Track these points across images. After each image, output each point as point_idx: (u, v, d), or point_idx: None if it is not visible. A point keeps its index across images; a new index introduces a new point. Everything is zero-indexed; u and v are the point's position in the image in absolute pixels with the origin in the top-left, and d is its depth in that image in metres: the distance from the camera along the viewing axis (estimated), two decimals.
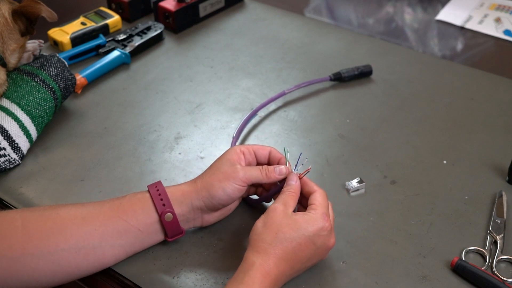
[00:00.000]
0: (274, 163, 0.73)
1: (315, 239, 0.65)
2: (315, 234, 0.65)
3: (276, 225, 0.65)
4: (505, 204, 0.77)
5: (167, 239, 0.71)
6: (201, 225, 0.73)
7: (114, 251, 0.67)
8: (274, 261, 0.63)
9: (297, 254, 0.64)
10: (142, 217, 0.68)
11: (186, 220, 0.71)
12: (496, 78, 1.01)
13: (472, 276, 0.68)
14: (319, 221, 0.65)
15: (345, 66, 1.01)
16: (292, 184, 0.70)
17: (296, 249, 0.64)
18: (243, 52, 1.09)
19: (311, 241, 0.65)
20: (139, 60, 1.07)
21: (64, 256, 0.65)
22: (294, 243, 0.64)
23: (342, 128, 0.91)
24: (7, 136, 0.83)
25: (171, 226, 0.69)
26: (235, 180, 0.69)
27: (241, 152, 0.72)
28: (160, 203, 0.68)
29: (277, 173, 0.71)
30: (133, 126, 0.92)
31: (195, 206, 0.70)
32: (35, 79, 0.88)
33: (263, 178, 0.70)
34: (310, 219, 0.65)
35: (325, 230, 0.65)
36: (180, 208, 0.69)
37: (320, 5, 1.29)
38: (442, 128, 0.91)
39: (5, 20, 0.87)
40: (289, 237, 0.64)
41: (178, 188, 0.70)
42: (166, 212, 0.68)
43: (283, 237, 0.64)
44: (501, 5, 1.24)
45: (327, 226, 0.65)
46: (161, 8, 1.12)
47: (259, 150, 0.73)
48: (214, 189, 0.69)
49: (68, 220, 0.66)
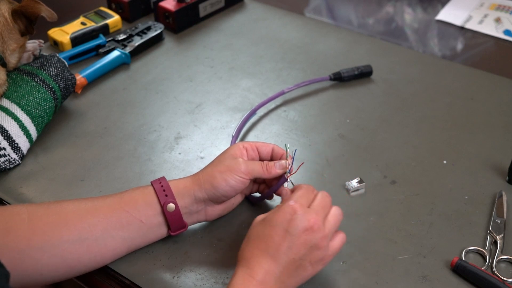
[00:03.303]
0: (277, 160, 0.73)
1: (286, 226, 0.62)
2: (284, 221, 0.62)
3: (251, 230, 0.65)
4: (505, 204, 0.77)
5: (170, 233, 0.71)
6: (205, 219, 0.73)
7: (115, 243, 0.68)
8: (259, 267, 0.61)
9: (274, 247, 0.62)
10: (144, 209, 0.68)
11: (189, 213, 0.71)
12: (496, 78, 1.01)
13: (472, 276, 0.68)
14: (287, 207, 0.63)
15: (345, 66, 1.01)
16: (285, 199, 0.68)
17: (269, 242, 0.62)
18: (243, 52, 1.09)
19: (282, 230, 0.62)
20: (139, 60, 1.07)
21: (67, 248, 0.65)
22: (265, 237, 0.62)
23: (342, 128, 0.91)
24: (7, 136, 0.83)
25: (173, 217, 0.69)
26: (237, 172, 0.69)
27: (244, 148, 0.73)
28: (163, 194, 0.69)
29: (277, 168, 0.71)
30: (133, 126, 0.92)
31: (198, 198, 0.70)
32: (35, 79, 0.88)
33: (264, 173, 0.71)
34: (277, 210, 0.64)
35: (294, 213, 0.62)
36: (183, 200, 0.70)
37: (320, 5, 1.29)
38: (442, 128, 0.91)
39: (5, 20, 0.87)
40: (257, 234, 0.63)
41: (180, 181, 0.71)
42: (168, 202, 0.68)
43: (254, 237, 0.64)
44: (501, 5, 1.24)
45: (296, 210, 0.62)
46: (161, 8, 1.12)
47: (262, 146, 0.74)
48: (216, 180, 0.69)
49: (72, 213, 0.67)
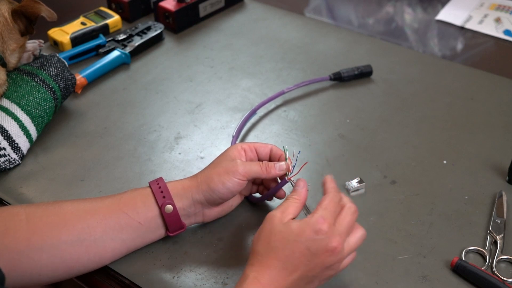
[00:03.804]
0: (275, 161, 0.73)
1: (309, 244, 0.60)
2: (309, 239, 0.60)
3: (270, 234, 0.62)
4: (505, 204, 0.77)
5: (169, 234, 0.71)
6: (203, 221, 0.73)
7: (115, 245, 0.68)
8: (269, 273, 0.60)
9: (292, 263, 0.60)
10: (142, 210, 0.68)
11: (187, 215, 0.71)
12: (496, 78, 1.01)
13: (472, 276, 0.68)
14: (313, 224, 0.60)
15: (345, 66, 1.01)
16: (297, 190, 0.66)
17: (290, 257, 0.60)
18: (243, 52, 1.09)
19: (305, 247, 0.60)
20: (139, 60, 1.07)
21: (66, 249, 0.65)
22: (286, 250, 0.60)
23: (342, 128, 0.91)
24: (7, 136, 0.83)
25: (171, 219, 0.69)
26: (234, 174, 0.69)
27: (242, 148, 0.73)
28: (161, 195, 0.69)
29: (277, 169, 0.71)
30: (133, 126, 0.92)
31: (196, 200, 0.70)
32: (35, 79, 0.88)
33: (263, 173, 0.71)
34: (303, 224, 0.61)
35: (321, 233, 0.60)
36: (181, 202, 0.70)
37: (320, 5, 1.29)
38: (442, 128, 0.91)
39: (5, 20, 0.87)
40: (280, 244, 0.60)
41: (179, 183, 0.71)
42: (166, 204, 0.68)
43: (275, 246, 0.60)
44: (501, 5, 1.24)
45: (322, 230, 0.60)
46: (161, 8, 1.12)
47: (260, 147, 0.74)
48: (213, 182, 0.69)
49: (71, 213, 0.67)
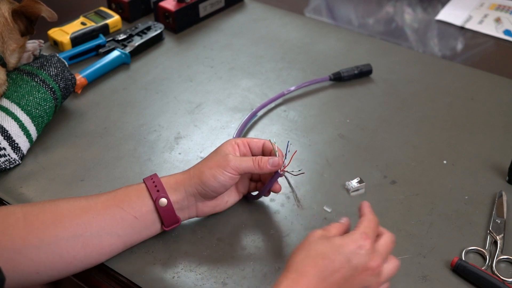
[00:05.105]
0: (267, 155, 0.74)
1: (351, 257, 0.59)
2: (351, 252, 0.59)
3: (310, 244, 0.61)
4: (505, 204, 0.77)
5: (164, 228, 0.71)
6: (196, 215, 0.74)
7: (111, 240, 0.68)
8: (305, 281, 0.58)
9: (331, 272, 0.59)
10: (137, 205, 0.69)
11: (181, 208, 0.71)
12: (496, 78, 1.01)
13: (472, 276, 0.68)
14: (356, 240, 0.60)
15: (345, 66, 1.01)
16: (342, 219, 0.65)
17: (329, 266, 0.59)
18: (243, 52, 1.09)
19: (345, 259, 0.59)
20: (139, 60, 1.07)
21: (63, 245, 0.66)
22: (326, 260, 0.59)
23: (342, 128, 0.91)
24: (7, 136, 0.83)
25: (166, 212, 0.70)
26: (226, 168, 0.70)
27: (236, 143, 0.73)
28: (155, 189, 0.70)
29: (270, 164, 0.71)
30: (133, 126, 0.92)
31: (189, 192, 0.71)
32: (35, 79, 0.88)
33: (255, 168, 0.71)
34: (346, 237, 0.61)
35: (362, 248, 0.59)
36: (175, 195, 0.70)
37: (320, 5, 1.29)
38: (442, 128, 0.91)
39: (5, 20, 0.87)
40: (321, 252, 0.59)
41: (172, 177, 0.72)
42: (160, 197, 0.69)
43: (315, 254, 0.60)
44: (501, 5, 1.24)
45: (365, 245, 0.60)
46: (161, 8, 1.12)
47: (253, 141, 0.74)
48: (204, 175, 0.70)
49: (67, 210, 0.68)
